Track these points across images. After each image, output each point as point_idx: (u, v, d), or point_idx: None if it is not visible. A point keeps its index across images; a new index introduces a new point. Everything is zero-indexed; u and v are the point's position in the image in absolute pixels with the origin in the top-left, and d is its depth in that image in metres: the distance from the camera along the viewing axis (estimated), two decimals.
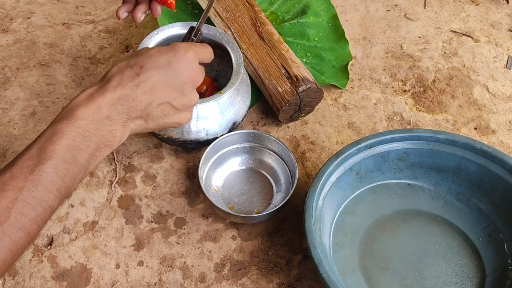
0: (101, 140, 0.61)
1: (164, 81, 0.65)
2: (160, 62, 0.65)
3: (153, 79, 0.64)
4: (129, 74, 0.63)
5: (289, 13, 1.05)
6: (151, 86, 0.64)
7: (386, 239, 0.76)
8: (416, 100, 0.96)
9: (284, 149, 0.82)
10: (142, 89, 0.63)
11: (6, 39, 1.01)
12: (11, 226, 0.53)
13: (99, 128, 0.61)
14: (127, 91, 0.63)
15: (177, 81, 0.66)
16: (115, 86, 0.62)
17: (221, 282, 0.74)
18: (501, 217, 0.76)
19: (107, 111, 0.61)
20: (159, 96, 0.65)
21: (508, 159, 0.75)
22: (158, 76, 0.64)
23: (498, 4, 1.13)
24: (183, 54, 0.66)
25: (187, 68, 0.67)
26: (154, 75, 0.64)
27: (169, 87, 0.66)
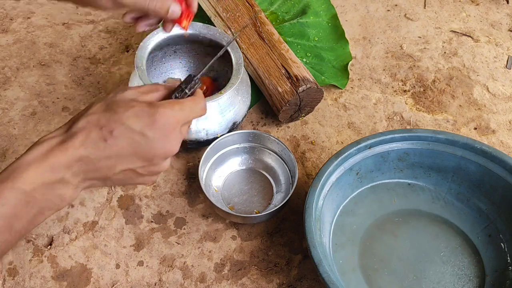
0: (47, 205, 0.54)
1: (132, 150, 0.56)
2: (134, 129, 0.56)
3: (120, 146, 0.56)
4: (96, 136, 0.55)
5: (289, 13, 1.05)
6: (117, 153, 0.56)
7: (386, 239, 0.76)
8: (416, 100, 0.96)
9: (284, 149, 0.82)
10: (106, 154, 0.55)
11: (6, 39, 1.01)
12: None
13: (47, 193, 0.53)
14: (88, 154, 0.54)
15: (147, 152, 0.57)
16: (77, 146, 0.54)
17: (221, 282, 0.74)
18: (501, 217, 0.76)
19: (61, 173, 0.53)
20: (124, 163, 0.57)
21: (508, 159, 0.75)
22: (127, 144, 0.56)
23: (498, 4, 1.13)
24: (163, 123, 0.57)
25: (163, 140, 0.57)
26: (123, 142, 0.56)
27: (137, 157, 0.57)
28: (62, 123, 0.88)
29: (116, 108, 0.57)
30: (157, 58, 0.89)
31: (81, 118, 0.57)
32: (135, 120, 0.56)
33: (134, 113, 0.56)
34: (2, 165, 0.83)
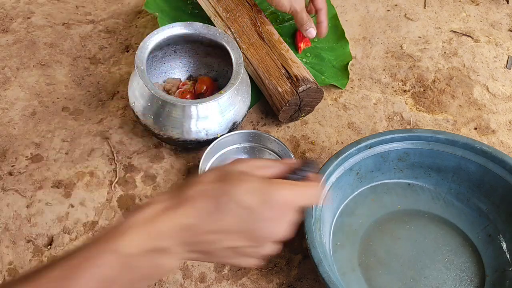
0: (141, 274, 0.50)
1: (239, 227, 0.53)
2: (244, 205, 0.52)
3: (228, 221, 0.52)
4: (204, 206, 0.52)
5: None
6: (223, 227, 0.52)
7: (386, 239, 0.76)
8: (416, 100, 0.96)
9: (284, 149, 0.82)
10: (212, 227, 0.52)
11: (6, 39, 1.01)
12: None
13: (145, 261, 0.50)
14: (194, 224, 0.51)
15: (254, 231, 0.53)
16: (184, 214, 0.51)
17: (221, 282, 0.74)
18: (501, 217, 0.76)
19: (164, 241, 0.50)
20: (229, 240, 0.53)
21: (508, 159, 0.75)
22: (235, 220, 0.52)
23: (498, 4, 1.13)
24: (276, 204, 0.53)
25: (273, 222, 0.53)
26: (231, 217, 0.52)
27: (243, 235, 0.53)
28: (62, 123, 0.89)
29: (229, 180, 0.53)
30: (157, 58, 0.89)
31: (192, 186, 0.53)
32: (247, 196, 0.52)
33: (247, 189, 0.52)
34: (2, 165, 0.83)
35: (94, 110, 0.92)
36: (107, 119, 0.90)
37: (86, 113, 0.91)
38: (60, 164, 0.83)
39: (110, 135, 0.87)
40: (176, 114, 0.78)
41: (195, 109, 0.78)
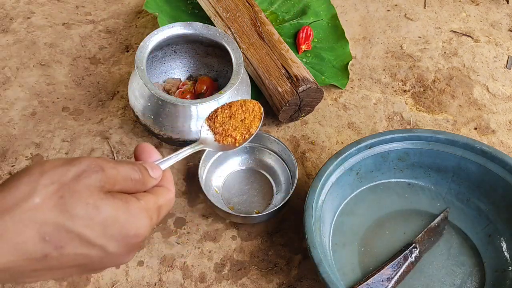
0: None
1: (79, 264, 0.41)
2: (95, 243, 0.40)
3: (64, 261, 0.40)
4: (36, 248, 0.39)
5: (289, 13, 1.05)
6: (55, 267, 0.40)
7: (386, 239, 0.76)
8: (416, 100, 0.96)
9: (284, 149, 0.82)
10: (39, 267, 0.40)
11: (6, 39, 1.01)
12: None
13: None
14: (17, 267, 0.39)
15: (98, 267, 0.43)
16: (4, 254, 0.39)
17: (221, 282, 0.74)
18: (501, 217, 0.76)
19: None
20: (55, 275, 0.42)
21: (508, 159, 0.75)
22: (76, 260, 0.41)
23: (498, 4, 1.13)
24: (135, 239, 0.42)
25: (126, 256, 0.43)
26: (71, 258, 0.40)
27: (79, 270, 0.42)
28: (62, 123, 0.89)
29: (75, 209, 0.39)
30: (157, 58, 0.89)
31: (18, 207, 0.38)
32: (100, 232, 0.40)
33: (101, 222, 0.40)
34: (2, 165, 0.83)
35: (94, 110, 0.92)
36: (107, 119, 0.90)
37: (86, 113, 0.91)
38: None
39: (110, 135, 0.87)
40: (176, 114, 0.78)
41: (195, 109, 0.78)
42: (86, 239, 0.39)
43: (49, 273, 0.41)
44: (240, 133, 0.60)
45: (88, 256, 0.41)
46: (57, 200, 0.38)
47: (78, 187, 0.39)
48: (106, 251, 0.41)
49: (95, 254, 0.41)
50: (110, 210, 0.40)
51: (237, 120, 0.61)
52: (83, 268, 0.42)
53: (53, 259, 0.39)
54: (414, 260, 0.73)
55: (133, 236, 0.42)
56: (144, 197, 0.44)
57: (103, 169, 0.41)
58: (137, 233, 0.42)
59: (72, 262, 0.40)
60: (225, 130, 0.60)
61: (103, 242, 0.40)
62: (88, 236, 0.39)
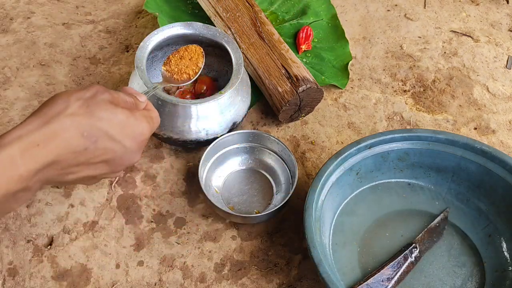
0: (2, 210, 0.52)
1: (105, 158, 0.57)
2: (115, 138, 0.57)
3: (96, 154, 0.56)
4: (76, 143, 0.53)
5: (289, 13, 1.05)
6: (89, 160, 0.56)
7: (386, 238, 0.76)
8: (416, 100, 0.96)
9: (284, 149, 0.82)
10: (78, 161, 0.55)
11: (6, 39, 1.01)
12: None
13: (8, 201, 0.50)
14: (62, 160, 0.53)
15: (118, 161, 0.59)
16: (52, 150, 0.52)
17: (221, 282, 0.74)
18: (501, 217, 0.76)
19: (27, 181, 0.51)
20: (90, 169, 0.57)
21: (508, 159, 0.75)
22: (103, 152, 0.56)
23: (498, 4, 1.13)
24: (142, 135, 0.60)
25: (135, 152, 0.60)
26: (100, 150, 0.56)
27: (106, 165, 0.58)
28: None
29: (99, 113, 0.54)
30: (157, 58, 0.89)
31: (60, 116, 0.52)
32: (119, 129, 0.56)
33: (120, 122, 0.56)
34: None
35: None
36: None
37: None
38: None
39: None
40: (176, 114, 0.78)
41: (195, 109, 0.78)
42: (110, 135, 0.55)
43: (86, 168, 0.55)
44: (191, 69, 0.78)
45: (113, 151, 0.55)
46: (85, 109, 0.53)
47: (97, 100, 0.55)
48: (125, 146, 0.56)
49: (118, 149, 0.56)
50: (122, 115, 0.56)
51: (186, 59, 0.78)
52: (109, 164, 0.57)
53: (90, 152, 0.53)
54: (414, 260, 0.73)
55: (140, 135, 0.58)
56: (141, 110, 0.61)
57: (109, 92, 0.57)
58: (143, 132, 0.59)
59: (102, 156, 0.55)
60: (179, 69, 0.78)
61: (121, 138, 0.56)
62: (111, 133, 0.55)
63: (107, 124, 0.54)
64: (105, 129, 0.54)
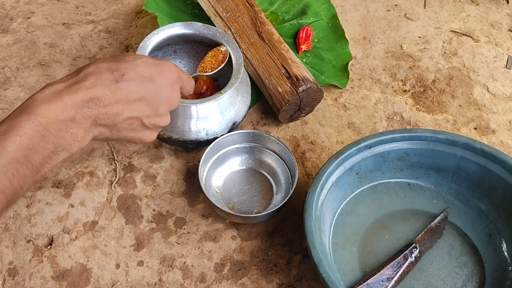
0: (60, 143, 0.56)
1: (141, 95, 0.61)
2: (144, 75, 0.61)
3: (131, 90, 0.59)
4: (107, 77, 0.58)
5: (289, 13, 1.05)
6: (127, 97, 0.59)
7: (386, 239, 0.76)
8: (416, 100, 0.96)
9: (284, 149, 0.82)
10: (116, 97, 0.58)
11: (6, 39, 1.01)
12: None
13: (61, 130, 0.55)
14: (100, 95, 0.57)
15: (154, 99, 0.62)
16: (88, 87, 0.57)
17: (221, 282, 0.74)
18: (501, 217, 0.76)
19: (73, 112, 0.56)
20: (132, 109, 0.60)
21: (508, 159, 0.75)
22: (137, 88, 0.60)
23: (498, 4, 1.13)
24: (169, 73, 0.63)
25: (168, 89, 0.63)
26: (133, 86, 0.60)
27: (145, 103, 0.61)
28: None
29: (125, 58, 0.61)
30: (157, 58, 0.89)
31: (90, 65, 0.59)
32: (145, 67, 0.61)
33: (143, 62, 0.62)
34: None
35: None
36: None
37: None
38: (60, 164, 0.83)
39: None
40: (176, 114, 0.78)
41: (195, 109, 0.78)
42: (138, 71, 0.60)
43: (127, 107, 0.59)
44: (210, 67, 0.84)
45: (144, 86, 0.60)
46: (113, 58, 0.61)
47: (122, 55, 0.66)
48: (154, 81, 0.61)
49: (148, 84, 0.61)
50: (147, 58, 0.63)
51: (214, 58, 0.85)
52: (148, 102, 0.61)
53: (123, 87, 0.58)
54: (414, 260, 0.73)
55: (168, 72, 0.64)
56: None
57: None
58: (170, 70, 0.64)
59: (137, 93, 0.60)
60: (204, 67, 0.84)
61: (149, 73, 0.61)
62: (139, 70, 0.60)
63: (134, 63, 0.61)
64: (132, 66, 0.60)
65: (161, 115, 0.65)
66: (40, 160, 0.55)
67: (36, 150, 0.54)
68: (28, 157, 0.53)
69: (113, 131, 0.61)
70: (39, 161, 0.54)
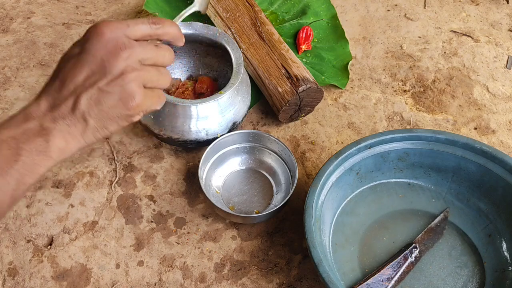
0: (32, 147, 0.54)
1: (80, 69, 0.56)
2: (74, 51, 0.57)
3: (70, 72, 0.56)
4: (51, 80, 0.57)
5: (289, 13, 1.05)
6: (71, 80, 0.56)
7: (386, 238, 0.76)
8: (416, 100, 0.96)
9: (284, 149, 0.82)
10: (65, 89, 0.56)
11: (6, 39, 1.01)
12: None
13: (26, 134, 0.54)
14: (52, 96, 0.56)
15: (93, 62, 0.56)
16: (40, 96, 0.56)
17: (221, 282, 0.74)
18: (501, 217, 0.76)
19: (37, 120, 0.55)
20: (83, 86, 0.56)
21: (508, 159, 0.75)
22: (74, 67, 0.56)
23: (498, 4, 1.13)
24: (94, 31, 0.57)
25: (102, 44, 0.56)
26: (70, 68, 0.56)
27: (89, 72, 0.56)
28: None
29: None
30: None
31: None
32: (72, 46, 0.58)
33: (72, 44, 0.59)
34: None
35: None
36: None
37: None
38: (60, 164, 0.83)
39: (110, 135, 0.87)
40: (176, 114, 0.78)
41: (195, 109, 0.78)
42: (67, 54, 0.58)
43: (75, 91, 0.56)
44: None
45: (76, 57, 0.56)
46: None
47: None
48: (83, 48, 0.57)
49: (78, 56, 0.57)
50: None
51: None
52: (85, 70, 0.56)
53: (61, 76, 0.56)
54: (414, 260, 0.73)
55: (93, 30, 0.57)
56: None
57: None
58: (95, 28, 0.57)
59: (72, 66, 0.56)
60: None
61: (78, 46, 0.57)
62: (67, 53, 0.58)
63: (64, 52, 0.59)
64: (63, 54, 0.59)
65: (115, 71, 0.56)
66: (16, 167, 0.53)
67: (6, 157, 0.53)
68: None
69: (88, 121, 0.56)
70: (14, 169, 0.53)
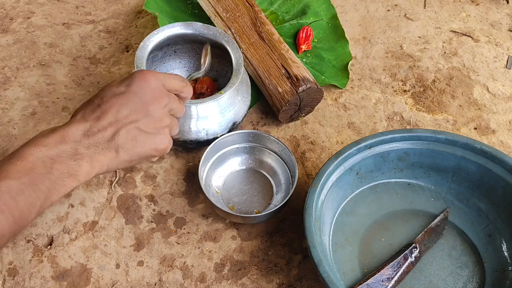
0: (64, 169, 0.59)
1: (125, 106, 0.63)
2: (120, 89, 0.64)
3: (114, 106, 0.63)
4: (91, 107, 0.63)
5: (289, 13, 1.05)
6: (114, 114, 0.63)
7: (386, 238, 0.76)
8: (416, 100, 0.96)
9: (284, 149, 0.82)
10: (105, 119, 0.62)
11: (6, 39, 1.01)
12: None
13: (61, 156, 0.59)
14: (90, 123, 0.62)
15: (138, 103, 0.64)
16: (78, 120, 0.62)
17: (221, 282, 0.74)
18: (501, 217, 0.76)
19: (72, 144, 0.60)
20: (123, 122, 0.63)
21: (508, 159, 0.75)
22: (119, 102, 0.63)
23: (498, 4, 1.13)
24: (141, 77, 0.66)
25: (148, 89, 0.65)
26: (115, 102, 0.63)
27: (132, 111, 0.64)
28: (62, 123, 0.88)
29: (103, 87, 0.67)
30: (157, 58, 0.89)
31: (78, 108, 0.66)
32: (118, 84, 0.66)
33: (117, 81, 0.66)
34: None
35: None
36: None
37: None
38: None
39: None
40: None
41: (195, 109, 0.78)
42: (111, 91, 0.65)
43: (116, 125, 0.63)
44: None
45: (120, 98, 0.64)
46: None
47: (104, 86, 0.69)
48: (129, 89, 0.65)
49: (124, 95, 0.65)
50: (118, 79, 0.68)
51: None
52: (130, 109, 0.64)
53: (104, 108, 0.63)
54: (414, 260, 0.73)
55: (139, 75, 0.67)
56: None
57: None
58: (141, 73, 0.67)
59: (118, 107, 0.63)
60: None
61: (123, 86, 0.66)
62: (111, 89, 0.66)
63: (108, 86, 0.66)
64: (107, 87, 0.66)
65: (155, 115, 0.66)
66: (46, 184, 0.57)
67: (40, 174, 0.56)
68: (32, 180, 0.56)
69: (120, 152, 0.63)
70: (45, 185, 0.57)
